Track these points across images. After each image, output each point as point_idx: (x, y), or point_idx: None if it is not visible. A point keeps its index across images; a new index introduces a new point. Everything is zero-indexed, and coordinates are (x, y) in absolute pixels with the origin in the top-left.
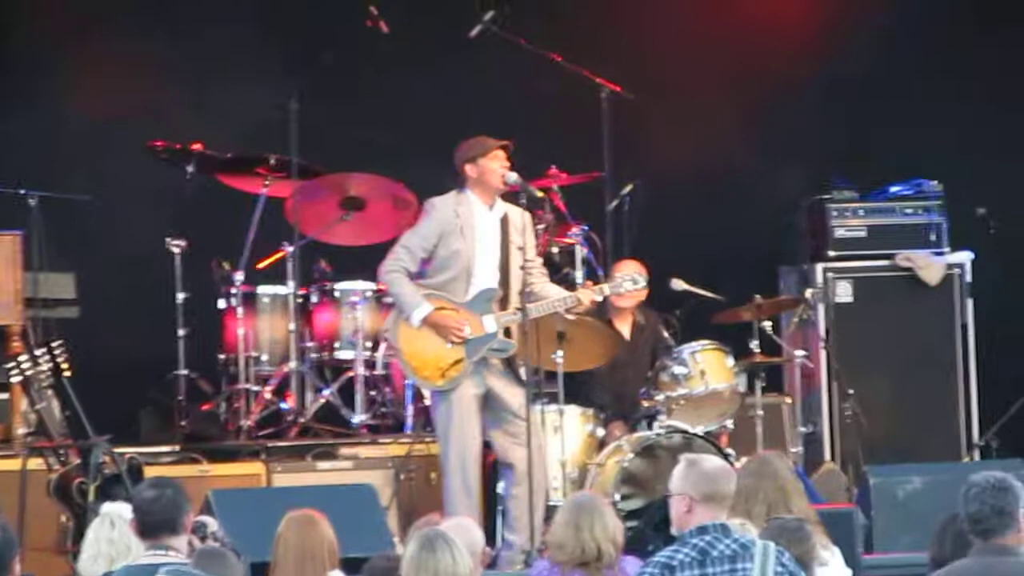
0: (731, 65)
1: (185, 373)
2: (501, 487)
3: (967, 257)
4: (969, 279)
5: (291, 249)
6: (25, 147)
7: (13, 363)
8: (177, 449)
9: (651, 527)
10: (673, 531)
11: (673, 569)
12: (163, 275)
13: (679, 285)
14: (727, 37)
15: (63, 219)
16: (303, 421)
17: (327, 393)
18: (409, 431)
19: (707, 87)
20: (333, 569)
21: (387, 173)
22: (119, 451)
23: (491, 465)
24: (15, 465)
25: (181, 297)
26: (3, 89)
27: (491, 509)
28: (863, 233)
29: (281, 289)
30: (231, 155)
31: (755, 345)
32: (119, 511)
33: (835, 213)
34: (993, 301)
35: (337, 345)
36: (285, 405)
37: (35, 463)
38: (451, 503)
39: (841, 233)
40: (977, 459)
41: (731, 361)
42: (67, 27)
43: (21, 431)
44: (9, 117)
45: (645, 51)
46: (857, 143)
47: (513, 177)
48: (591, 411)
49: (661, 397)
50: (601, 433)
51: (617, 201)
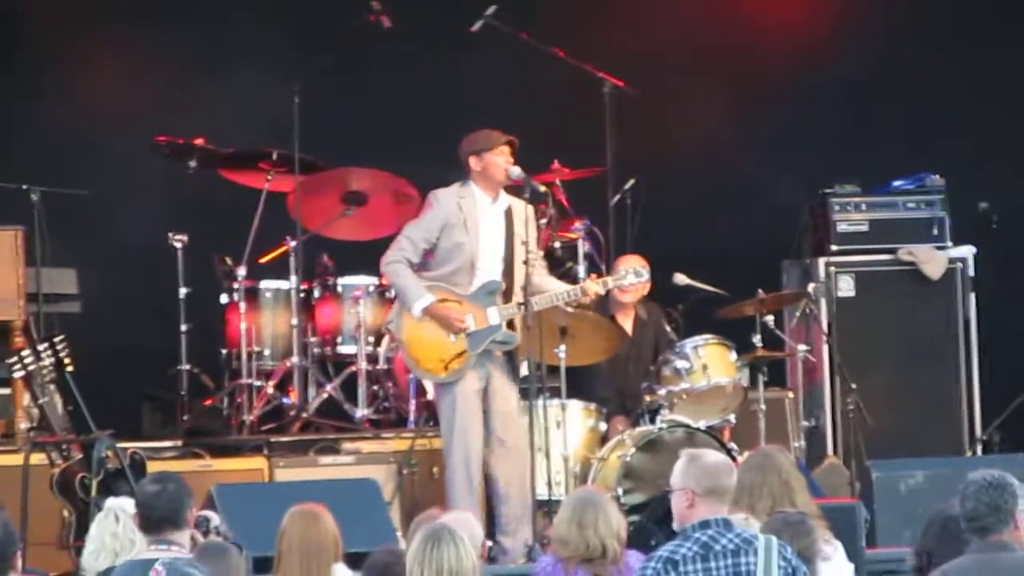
0: (734, 59)
1: (187, 368)
2: None
3: (969, 251)
4: (971, 273)
5: (293, 244)
6: (27, 142)
7: (16, 358)
8: (179, 444)
9: (653, 521)
10: (675, 526)
11: (676, 563)
12: (165, 270)
13: (682, 280)
14: (730, 31)
15: (65, 214)
16: (305, 416)
17: (329, 388)
18: (411, 426)
19: (709, 81)
20: (337, 563)
21: (389, 168)
22: (121, 446)
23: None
24: (17, 460)
25: (183, 292)
26: (5, 84)
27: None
28: (865, 227)
29: (283, 284)
30: (233, 150)
31: (757, 339)
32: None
33: (837, 207)
34: (995, 295)
35: (339, 340)
36: (287, 400)
37: (37, 458)
38: (454, 497)
39: (844, 227)
40: (980, 453)
41: (733, 355)
42: (70, 23)
43: (24, 426)
44: (11, 112)
45: (648, 46)
46: (860, 137)
47: (517, 171)
48: (593, 406)
49: (663, 391)
50: (603, 428)
51: (620, 196)
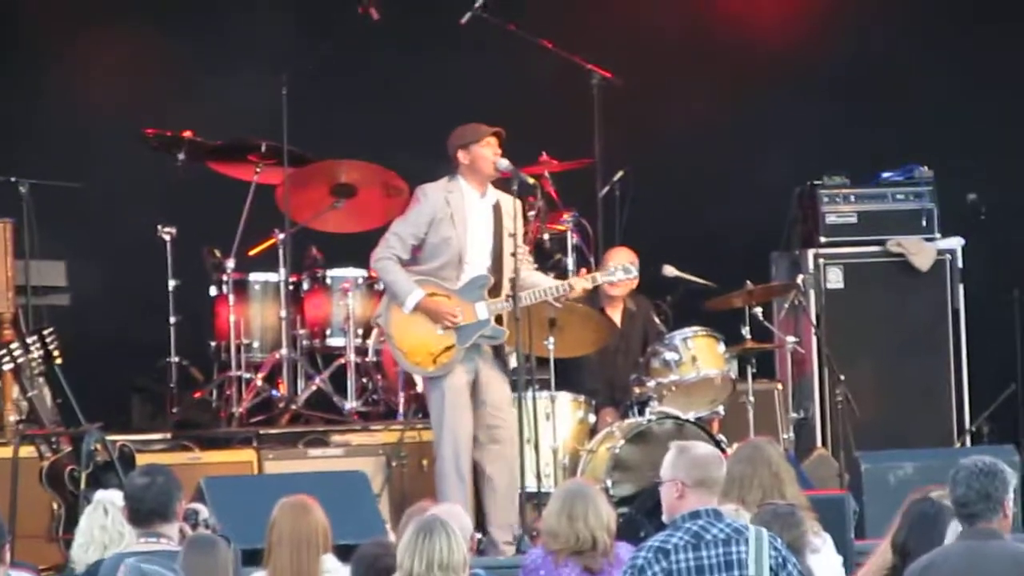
0: (723, 51)
1: (176, 360)
2: None
3: (958, 243)
4: (960, 264)
5: (282, 236)
6: (16, 134)
7: (4, 351)
8: (168, 436)
9: (643, 513)
10: (664, 518)
11: (667, 553)
12: (154, 262)
13: (670, 271)
14: (719, 23)
15: (54, 206)
16: (294, 408)
17: (318, 380)
18: (400, 418)
19: (698, 73)
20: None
21: (378, 160)
22: (110, 438)
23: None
24: (7, 453)
25: (172, 284)
26: None
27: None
28: (854, 219)
29: (272, 276)
30: (222, 142)
31: (746, 331)
32: (111, 498)
33: (826, 199)
34: (984, 286)
35: (328, 332)
36: (276, 392)
37: (27, 451)
38: (443, 489)
39: (832, 219)
40: (968, 444)
41: (722, 347)
42: (62, 18)
43: (12, 419)
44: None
45: (636, 37)
46: (849, 129)
47: (505, 163)
48: (582, 398)
49: (652, 383)
50: (592, 419)
51: (608, 188)
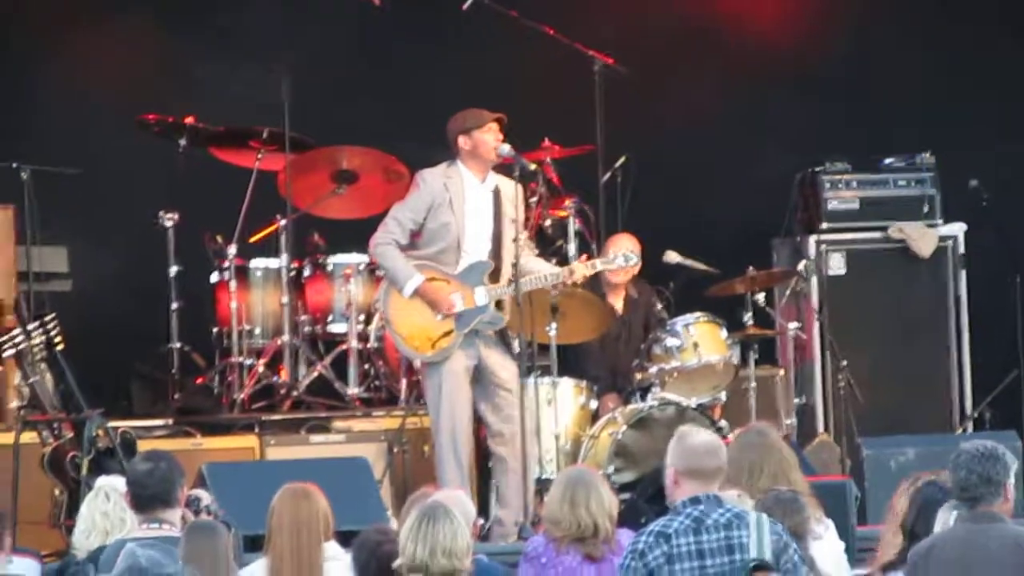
0: (725, 37)
1: (178, 347)
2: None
3: (960, 229)
4: (962, 251)
5: (284, 222)
6: (18, 120)
7: (6, 337)
8: (170, 422)
9: (644, 499)
10: (668, 502)
11: (668, 537)
12: (156, 248)
13: (673, 258)
14: (721, 9)
15: (56, 192)
16: (296, 394)
17: (320, 366)
18: (402, 404)
19: (700, 59)
20: (328, 541)
21: (379, 146)
22: (112, 424)
23: (484, 438)
24: (8, 439)
25: (174, 270)
26: None
27: (484, 481)
28: (856, 205)
29: (274, 262)
30: (223, 128)
31: (748, 317)
32: (113, 484)
33: (828, 185)
34: (986, 273)
35: (330, 318)
36: (278, 378)
37: (28, 437)
38: (443, 474)
39: (834, 205)
40: (970, 431)
41: (724, 333)
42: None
43: (14, 405)
44: (2, 90)
45: (638, 23)
46: (851, 115)
47: (506, 149)
48: (584, 383)
49: (654, 369)
50: (594, 405)
51: (610, 174)
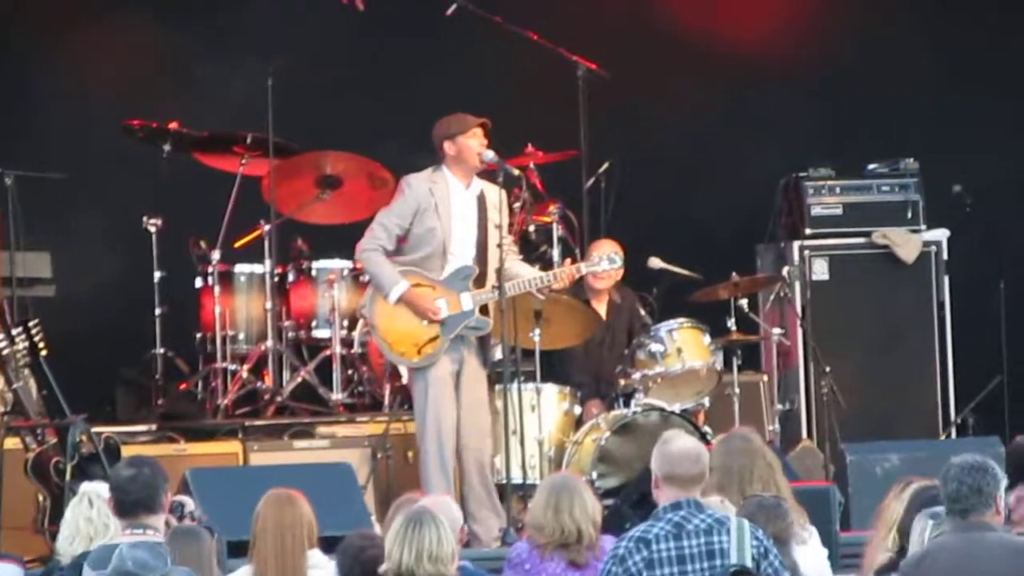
0: (709, 43)
1: (162, 352)
2: None
3: (943, 234)
4: (945, 256)
5: (268, 228)
6: (1, 125)
7: None
8: (154, 428)
9: (628, 505)
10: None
11: (649, 543)
12: (139, 254)
13: (656, 263)
14: (705, 16)
15: (39, 198)
16: (280, 400)
17: (304, 372)
18: (386, 410)
19: (684, 65)
20: (312, 548)
21: (363, 151)
22: (96, 430)
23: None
24: None
25: (158, 276)
26: None
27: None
28: (839, 211)
29: (258, 268)
30: (207, 133)
31: (732, 323)
32: (97, 490)
33: (811, 191)
34: (969, 278)
35: (314, 324)
36: (262, 384)
37: (12, 442)
38: (427, 480)
39: (817, 211)
40: (954, 436)
41: (708, 339)
42: (45, 8)
43: None
44: None
45: (622, 29)
46: (834, 121)
47: (490, 155)
48: (568, 389)
49: (638, 375)
50: (578, 411)
51: (594, 179)
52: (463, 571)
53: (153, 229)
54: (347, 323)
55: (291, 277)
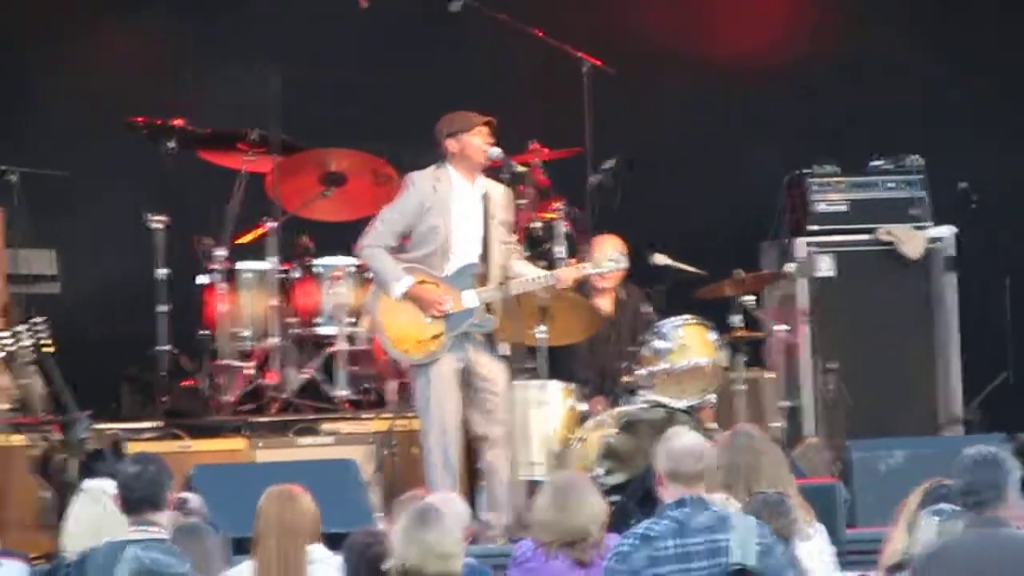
0: (714, 39)
1: (167, 349)
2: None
3: (949, 231)
4: (951, 253)
5: (272, 225)
6: (6, 123)
7: None
8: (159, 425)
9: (633, 501)
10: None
11: (651, 540)
12: (144, 251)
13: (661, 260)
14: (709, 12)
15: (44, 195)
16: (285, 397)
17: (309, 369)
18: (391, 406)
19: (689, 61)
20: (315, 543)
21: (367, 148)
22: (101, 427)
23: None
24: None
25: (162, 273)
26: None
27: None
28: (844, 207)
29: (262, 265)
30: (212, 131)
31: (737, 320)
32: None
33: (816, 187)
34: (974, 275)
35: (319, 320)
36: (266, 381)
37: (17, 439)
38: (431, 478)
39: (823, 207)
40: (960, 433)
41: (713, 336)
42: (48, 5)
43: (3, 407)
44: None
45: (626, 25)
46: (839, 117)
47: (495, 152)
48: (573, 386)
49: (643, 372)
50: (583, 408)
51: (599, 176)
52: (467, 568)
53: (158, 226)
54: (352, 320)
55: (295, 274)
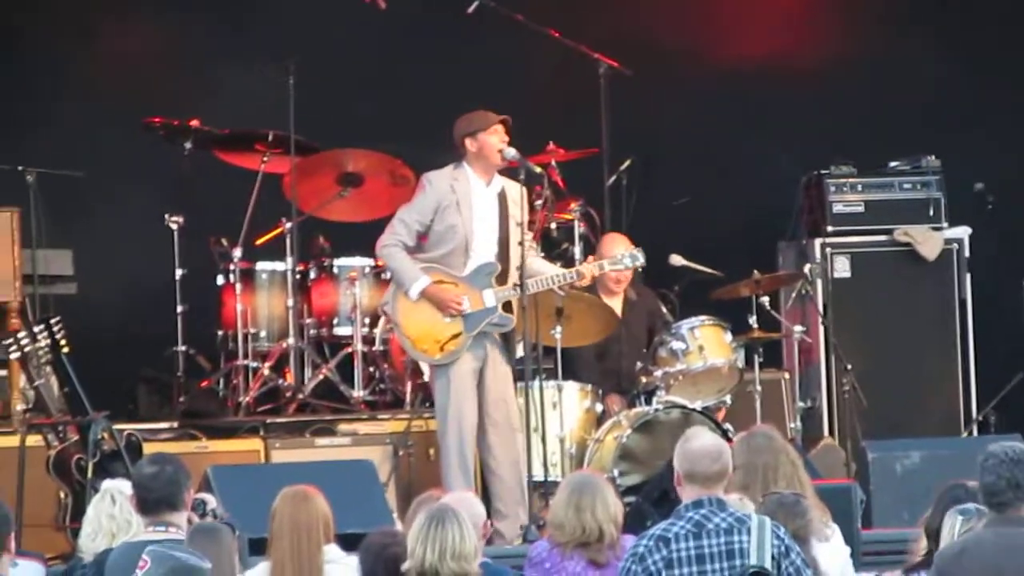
0: (730, 40)
1: (183, 349)
2: None
3: (965, 232)
4: (967, 254)
5: (289, 225)
6: (23, 123)
7: (11, 340)
8: (175, 425)
9: (649, 502)
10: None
11: (668, 541)
12: (161, 251)
13: (678, 261)
14: (726, 13)
15: (61, 195)
16: (301, 397)
17: (325, 369)
18: (408, 407)
19: (705, 61)
20: (328, 543)
21: (384, 149)
22: (117, 427)
23: None
24: (14, 442)
25: (179, 273)
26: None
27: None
28: (861, 208)
29: (279, 265)
30: (229, 131)
31: (753, 321)
32: (119, 487)
33: (833, 188)
34: (991, 276)
35: (335, 321)
36: (283, 381)
37: (34, 440)
38: (448, 478)
39: (839, 208)
40: (975, 434)
41: (729, 336)
42: (66, 3)
43: (20, 408)
44: (7, 93)
45: (643, 26)
46: (856, 118)
47: (512, 152)
48: (589, 387)
49: (659, 373)
50: (599, 409)
51: (615, 177)
52: (485, 568)
53: (175, 227)
54: (368, 320)
55: (312, 274)
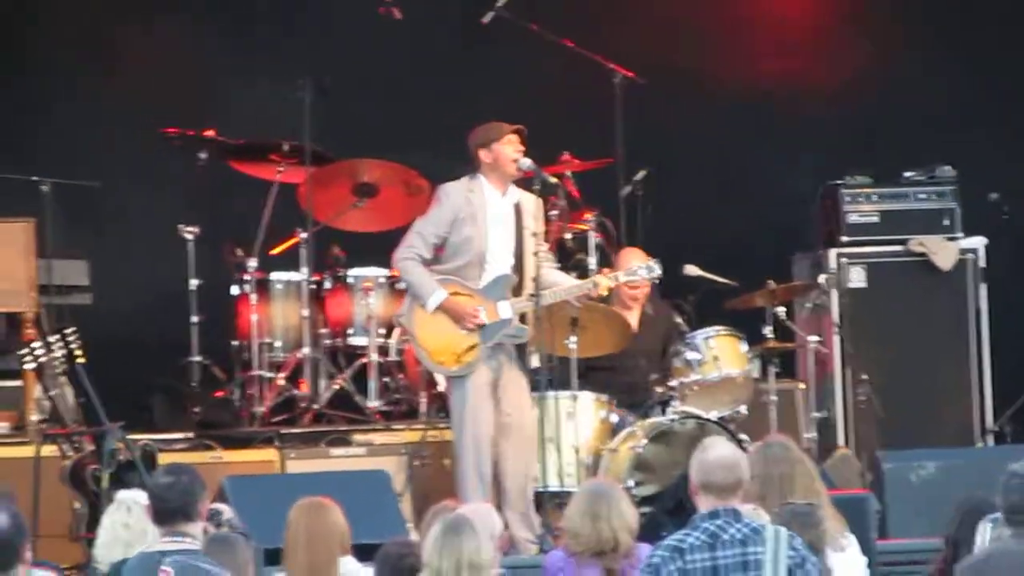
0: (745, 50)
1: (198, 360)
2: None
3: (980, 242)
4: (983, 264)
5: (304, 235)
6: (38, 133)
7: (27, 350)
8: (190, 436)
9: (664, 513)
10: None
11: (683, 552)
12: (176, 261)
13: (693, 271)
14: (741, 23)
15: (76, 206)
16: (317, 408)
17: (340, 379)
18: (423, 417)
19: (720, 72)
20: (344, 555)
21: (399, 159)
22: (132, 438)
23: None
24: (29, 452)
25: (194, 283)
26: (16, 76)
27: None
28: (876, 219)
29: (294, 275)
30: (244, 141)
31: (768, 331)
32: (134, 497)
33: (848, 199)
34: (1006, 286)
35: (350, 331)
36: (298, 392)
37: (49, 450)
38: (464, 489)
39: (854, 219)
40: (991, 444)
41: (744, 347)
42: (83, 16)
43: (35, 418)
44: (22, 103)
45: (658, 37)
46: (871, 129)
47: (527, 163)
48: (604, 397)
49: (674, 383)
50: (615, 419)
51: (630, 187)
52: None
53: (190, 237)
54: (383, 331)
55: (327, 285)
